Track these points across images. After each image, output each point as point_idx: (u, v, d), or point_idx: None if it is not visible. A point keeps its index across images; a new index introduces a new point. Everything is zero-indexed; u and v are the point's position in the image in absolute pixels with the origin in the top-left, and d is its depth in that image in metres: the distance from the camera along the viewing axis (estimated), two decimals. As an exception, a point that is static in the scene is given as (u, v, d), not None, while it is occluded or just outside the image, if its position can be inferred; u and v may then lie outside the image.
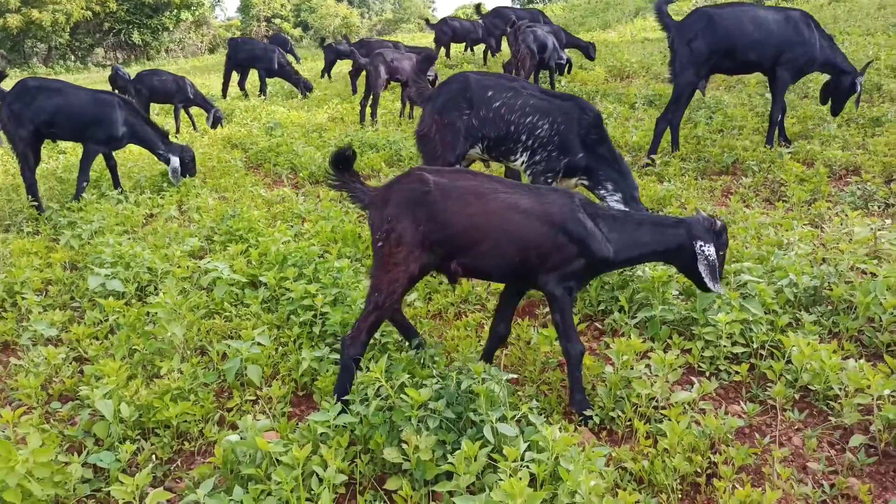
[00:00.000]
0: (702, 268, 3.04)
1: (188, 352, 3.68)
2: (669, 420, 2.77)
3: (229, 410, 3.26)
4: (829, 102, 7.22)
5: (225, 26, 42.90)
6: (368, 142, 8.63)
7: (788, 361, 3.26)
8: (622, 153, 7.14)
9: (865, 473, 2.69)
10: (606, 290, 4.11)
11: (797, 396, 3.15)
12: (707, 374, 3.35)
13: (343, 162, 3.07)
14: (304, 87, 14.10)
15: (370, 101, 10.41)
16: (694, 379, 3.18)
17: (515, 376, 3.32)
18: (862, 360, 3.23)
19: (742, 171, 6.44)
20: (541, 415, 2.99)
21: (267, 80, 14.45)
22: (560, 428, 2.93)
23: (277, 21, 43.21)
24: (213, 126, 10.70)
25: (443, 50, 16.65)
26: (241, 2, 43.30)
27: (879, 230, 4.35)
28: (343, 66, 18.19)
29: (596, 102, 10.05)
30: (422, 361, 3.25)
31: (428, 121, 4.66)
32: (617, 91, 10.53)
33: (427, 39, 21.80)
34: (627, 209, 3.65)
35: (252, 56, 14.16)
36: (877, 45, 11.09)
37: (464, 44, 17.38)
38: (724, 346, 3.36)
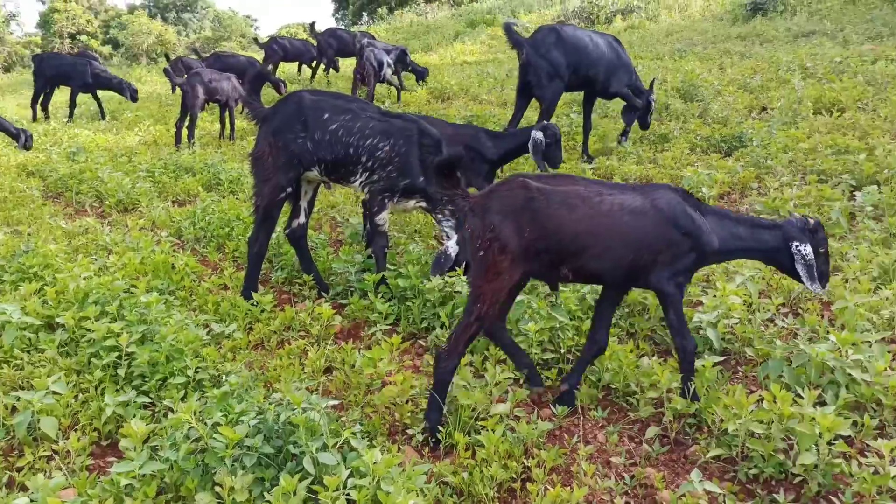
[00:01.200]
0: (799, 268, 3.13)
1: (-32, 409, 3.27)
2: (487, 430, 2.88)
3: (20, 470, 2.93)
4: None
5: (23, 43, 39.04)
6: (184, 165, 8.22)
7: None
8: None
9: (660, 462, 2.95)
10: (428, 308, 4.19)
11: (601, 395, 3.39)
12: (521, 381, 3.52)
13: (448, 169, 3.07)
14: (130, 91, 13.09)
15: (187, 123, 9.93)
16: (508, 388, 3.32)
17: (338, 402, 3.28)
18: (654, 357, 3.56)
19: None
20: (364, 439, 2.98)
21: (79, 98, 13.27)
22: (383, 449, 2.94)
23: (84, 38, 40.07)
24: (27, 148, 9.65)
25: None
26: (40, 17, 39.69)
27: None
28: (158, 86, 17.21)
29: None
30: (238, 396, 3.12)
31: (262, 143, 4.49)
32: (438, 112, 10.84)
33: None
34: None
35: (61, 72, 12.92)
36: (665, 69, 12.34)
37: (296, 63, 17.16)
38: (536, 353, 3.54)
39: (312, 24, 17.11)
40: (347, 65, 17.85)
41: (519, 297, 3.84)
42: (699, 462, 2.88)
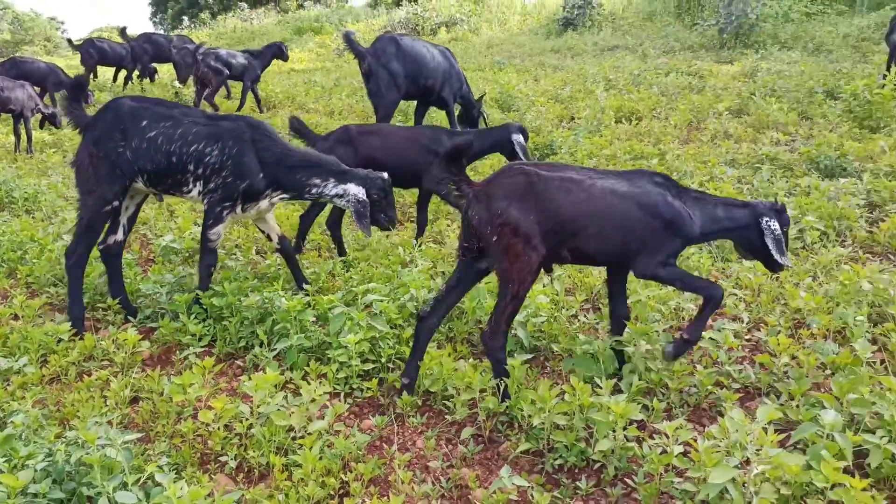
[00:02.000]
0: (769, 241, 3.26)
1: None
2: (304, 449, 2.82)
3: None
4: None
5: None
6: (-32, 184, 7.35)
7: (412, 370, 3.55)
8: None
9: (475, 461, 3.04)
10: (246, 326, 4.05)
11: (420, 402, 3.45)
12: (342, 394, 3.49)
13: (456, 156, 3.23)
14: None
15: (-27, 136, 8.90)
16: (327, 403, 3.28)
17: (142, 434, 3.08)
18: (471, 360, 3.67)
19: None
20: (171, 471, 2.82)
21: None
22: (192, 481, 2.79)
23: None
24: None
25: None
26: None
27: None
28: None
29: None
30: (25, 438, 2.82)
31: (83, 152, 4.21)
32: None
33: (73, 63, 19.48)
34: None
35: None
36: (485, 80, 12.86)
37: (114, 67, 15.89)
38: (356, 365, 3.53)
39: (124, 29, 16.01)
40: (165, 71, 16.90)
41: (338, 309, 3.83)
42: (510, 457, 3.01)
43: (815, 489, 2.48)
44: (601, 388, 3.02)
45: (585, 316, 4.09)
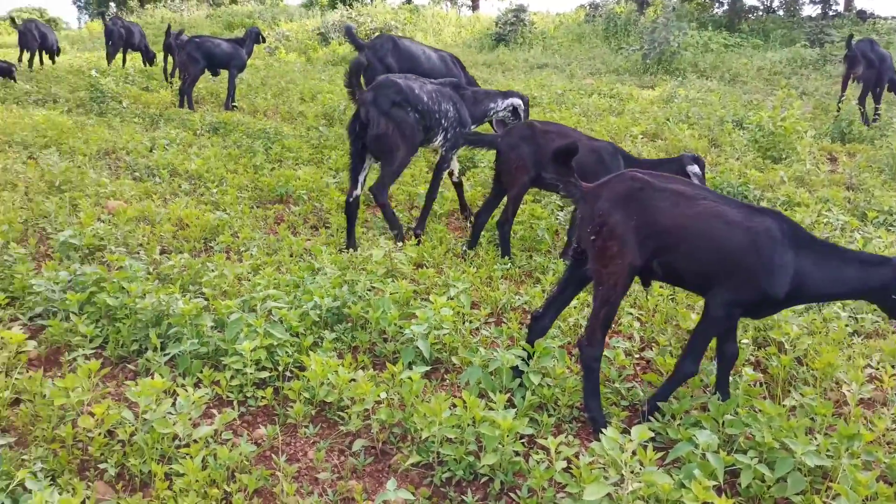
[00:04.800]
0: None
1: None
2: (187, 458, 2.75)
3: None
4: None
5: None
6: None
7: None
8: (182, 182, 6.97)
9: (366, 473, 3.04)
10: (140, 328, 3.91)
11: (314, 412, 3.41)
12: (234, 402, 3.42)
13: (564, 156, 3.19)
14: None
15: None
16: (214, 411, 3.22)
17: (14, 439, 2.94)
18: (371, 370, 3.67)
19: (294, 200, 6.82)
20: (47, 477, 2.71)
21: None
22: (67, 488, 2.69)
23: None
24: None
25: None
26: None
27: (394, 252, 5.01)
28: None
29: (160, 126, 9.64)
30: None
31: (382, 123, 5.16)
32: (181, 116, 10.24)
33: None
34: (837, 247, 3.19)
35: None
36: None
37: None
38: (251, 373, 3.47)
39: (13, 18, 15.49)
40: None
41: (236, 314, 3.76)
42: (400, 470, 3.02)
43: (685, 506, 2.58)
44: (495, 402, 3.07)
45: (487, 329, 4.15)
